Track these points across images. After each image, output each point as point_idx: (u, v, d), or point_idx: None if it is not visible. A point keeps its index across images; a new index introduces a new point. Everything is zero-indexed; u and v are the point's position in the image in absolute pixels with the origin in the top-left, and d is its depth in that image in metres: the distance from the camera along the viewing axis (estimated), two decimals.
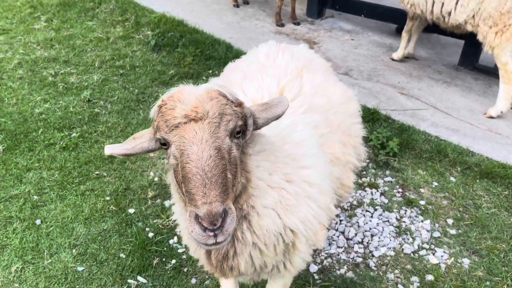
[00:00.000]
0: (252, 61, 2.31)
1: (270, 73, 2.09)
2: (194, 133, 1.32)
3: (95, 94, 4.53)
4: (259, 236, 1.63)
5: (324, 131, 1.94)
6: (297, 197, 1.67)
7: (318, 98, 2.05)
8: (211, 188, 1.25)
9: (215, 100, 1.37)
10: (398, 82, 5.01)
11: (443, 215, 3.31)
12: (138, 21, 6.01)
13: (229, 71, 2.41)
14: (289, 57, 2.37)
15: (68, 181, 3.41)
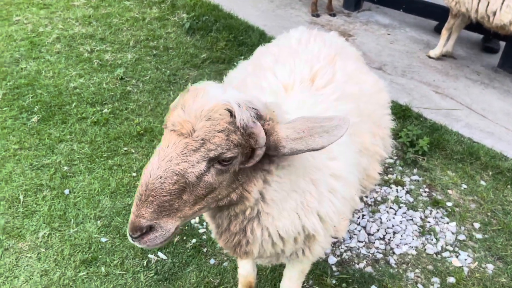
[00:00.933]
0: (284, 45, 2.29)
1: (303, 58, 2.06)
2: (167, 145, 1.28)
3: (128, 73, 4.60)
4: (272, 235, 1.61)
5: (355, 120, 1.90)
6: (320, 197, 1.64)
7: (350, 86, 2.01)
8: (144, 205, 1.25)
9: (210, 123, 1.26)
10: (433, 80, 4.87)
11: (470, 219, 3.23)
12: (174, 3, 6.05)
13: (259, 54, 2.39)
14: (321, 43, 2.33)
15: (97, 155, 3.50)
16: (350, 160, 1.77)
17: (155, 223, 1.27)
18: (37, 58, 4.69)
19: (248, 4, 6.37)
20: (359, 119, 1.95)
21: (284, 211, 1.56)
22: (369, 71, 2.42)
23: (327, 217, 1.68)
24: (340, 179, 1.69)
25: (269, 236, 1.61)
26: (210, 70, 4.78)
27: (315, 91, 1.90)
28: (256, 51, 2.53)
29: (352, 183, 1.75)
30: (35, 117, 3.82)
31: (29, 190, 3.14)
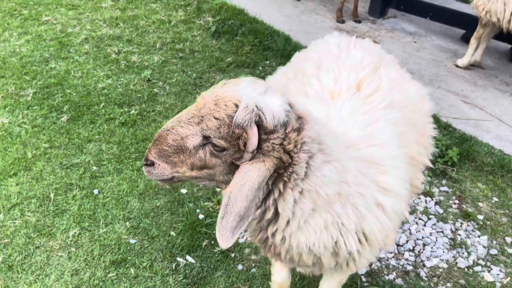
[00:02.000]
0: (324, 51, 2.27)
1: (347, 65, 2.03)
2: (186, 111, 1.48)
3: (155, 75, 4.63)
4: (293, 246, 1.59)
5: (402, 129, 1.88)
6: (364, 216, 1.61)
7: (396, 94, 1.99)
8: (153, 145, 1.51)
9: (214, 107, 1.40)
10: (462, 90, 4.80)
11: (501, 232, 3.15)
12: (199, 6, 6.08)
13: (299, 60, 2.36)
14: (362, 50, 2.31)
15: (125, 156, 3.52)
16: (402, 174, 1.74)
17: (156, 162, 1.51)
18: (66, 58, 4.75)
19: (273, 9, 6.37)
20: (407, 128, 1.92)
21: (308, 227, 1.53)
22: (410, 78, 2.38)
23: (371, 234, 1.65)
24: (390, 193, 1.65)
25: (289, 245, 1.59)
26: (235, 74, 4.78)
27: (363, 99, 1.87)
28: (294, 57, 2.52)
29: (403, 198, 1.72)
30: (64, 117, 3.86)
31: (59, 189, 3.17)
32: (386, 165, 1.66)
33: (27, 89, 4.18)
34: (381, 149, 1.68)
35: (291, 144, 1.40)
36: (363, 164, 1.62)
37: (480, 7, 4.53)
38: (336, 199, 1.51)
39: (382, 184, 1.64)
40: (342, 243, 1.60)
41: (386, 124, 1.78)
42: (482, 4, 4.49)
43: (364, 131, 1.69)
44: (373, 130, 1.71)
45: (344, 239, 1.60)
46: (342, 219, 1.55)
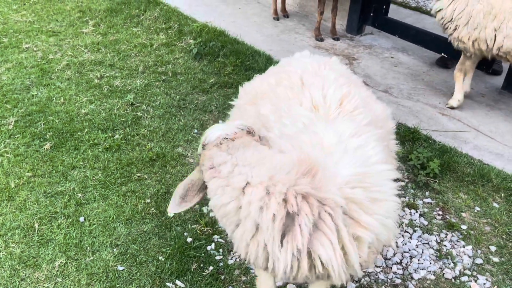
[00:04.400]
0: (301, 67, 2.37)
1: (327, 82, 2.13)
2: None
3: (138, 98, 4.65)
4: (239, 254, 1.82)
5: (384, 144, 1.96)
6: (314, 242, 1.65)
7: (369, 112, 2.07)
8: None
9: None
10: (439, 103, 4.93)
11: (485, 242, 3.22)
12: (180, 29, 6.16)
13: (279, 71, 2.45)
14: (332, 71, 2.41)
15: (110, 181, 3.50)
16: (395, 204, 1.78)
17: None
18: (48, 85, 4.74)
19: (253, 30, 6.49)
20: (385, 143, 2.00)
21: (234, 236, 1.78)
22: (376, 98, 2.50)
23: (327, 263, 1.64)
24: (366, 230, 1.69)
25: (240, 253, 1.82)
26: (218, 95, 4.83)
27: (349, 115, 1.95)
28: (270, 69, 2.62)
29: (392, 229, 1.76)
30: (47, 144, 3.83)
31: (43, 218, 3.13)
32: (370, 207, 1.69)
33: (8, 117, 4.15)
34: (368, 191, 1.71)
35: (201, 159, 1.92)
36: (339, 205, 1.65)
37: (465, 37, 4.20)
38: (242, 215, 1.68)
39: (363, 224, 1.67)
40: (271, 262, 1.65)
41: (376, 144, 1.84)
42: (467, 34, 4.18)
43: (356, 167, 1.72)
44: (368, 168, 1.75)
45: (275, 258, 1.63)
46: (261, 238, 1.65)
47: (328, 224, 1.62)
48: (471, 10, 4.09)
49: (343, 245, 1.66)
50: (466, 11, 4.11)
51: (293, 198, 1.61)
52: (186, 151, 3.94)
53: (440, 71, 5.53)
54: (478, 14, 4.05)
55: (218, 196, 1.73)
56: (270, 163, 1.70)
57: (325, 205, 1.62)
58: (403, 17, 6.82)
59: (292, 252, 1.60)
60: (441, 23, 4.39)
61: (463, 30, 4.20)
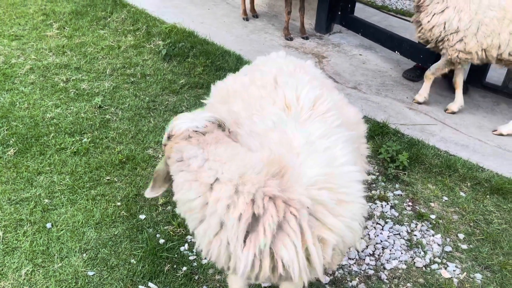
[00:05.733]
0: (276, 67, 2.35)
1: (301, 83, 2.12)
2: None
3: (106, 101, 4.55)
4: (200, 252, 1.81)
5: (355, 146, 1.98)
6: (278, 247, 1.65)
7: (341, 114, 2.08)
8: None
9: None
10: (406, 98, 5.05)
11: (454, 230, 3.31)
12: (149, 31, 6.08)
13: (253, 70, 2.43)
14: (306, 73, 2.42)
15: (79, 186, 3.41)
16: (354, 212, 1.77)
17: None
18: (11, 90, 4.59)
19: (222, 30, 6.47)
20: (356, 145, 2.02)
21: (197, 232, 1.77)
22: (348, 102, 2.51)
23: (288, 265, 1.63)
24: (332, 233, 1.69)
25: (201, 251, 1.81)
26: (189, 95, 4.79)
27: (321, 117, 1.95)
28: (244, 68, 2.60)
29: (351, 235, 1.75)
30: (11, 150, 3.70)
31: (8, 226, 3.02)
32: (336, 209, 1.69)
33: None
34: (334, 192, 1.71)
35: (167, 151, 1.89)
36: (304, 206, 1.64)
37: (473, 47, 4.05)
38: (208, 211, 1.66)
39: (328, 226, 1.67)
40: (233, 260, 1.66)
41: (346, 146, 1.85)
42: (476, 44, 4.02)
43: (324, 168, 1.72)
44: (334, 169, 1.75)
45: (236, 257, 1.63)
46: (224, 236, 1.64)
47: (292, 226, 1.61)
48: (482, 18, 3.92)
49: (306, 247, 1.65)
50: (476, 20, 3.94)
51: (260, 199, 1.59)
52: (157, 153, 3.88)
53: (406, 68, 5.65)
54: (491, 21, 3.90)
55: (185, 191, 1.70)
56: (241, 161, 1.68)
57: (291, 206, 1.62)
58: (370, 15, 6.96)
59: (254, 252, 1.59)
60: (437, 38, 4.19)
61: (472, 40, 4.01)
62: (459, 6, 4.00)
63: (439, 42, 4.26)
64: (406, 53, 5.57)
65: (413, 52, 5.43)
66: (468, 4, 3.97)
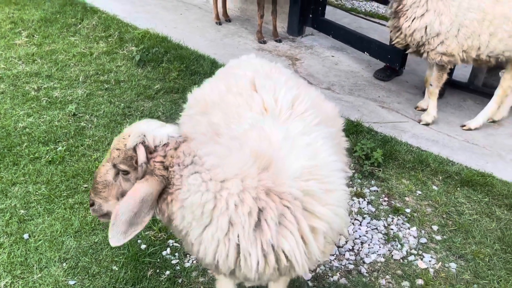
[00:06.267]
0: (252, 69, 2.39)
1: (278, 84, 2.16)
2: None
3: (80, 108, 4.50)
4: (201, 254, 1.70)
5: (336, 142, 2.04)
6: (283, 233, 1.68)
7: (320, 112, 2.13)
8: (92, 186, 1.85)
9: (116, 142, 1.76)
10: (379, 97, 5.19)
11: (428, 222, 3.42)
12: (121, 37, 6.03)
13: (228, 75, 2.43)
14: (281, 72, 2.48)
15: (55, 195, 3.35)
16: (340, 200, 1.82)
17: (94, 200, 1.84)
18: None
19: (196, 35, 6.48)
20: (336, 141, 2.08)
21: (204, 239, 1.65)
22: (324, 98, 2.58)
23: (292, 256, 1.68)
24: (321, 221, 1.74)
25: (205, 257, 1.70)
26: (164, 100, 4.78)
27: (300, 116, 2.00)
28: (219, 72, 2.62)
29: (339, 221, 1.81)
30: None
31: None
32: (323, 198, 1.74)
33: None
34: (319, 183, 1.76)
35: (169, 160, 1.66)
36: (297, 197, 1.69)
37: (455, 49, 4.08)
38: (217, 212, 1.60)
39: (317, 214, 1.72)
40: (243, 259, 1.65)
41: (327, 141, 1.91)
42: (457, 46, 4.06)
43: (307, 161, 1.76)
44: (316, 160, 1.80)
45: (246, 255, 1.64)
46: (234, 235, 1.61)
47: (288, 217, 1.66)
48: (462, 20, 3.96)
49: (302, 236, 1.70)
50: (457, 22, 3.98)
51: (262, 194, 1.63)
52: None
53: (377, 68, 5.81)
54: (472, 23, 3.95)
55: (201, 193, 1.61)
56: (235, 158, 1.70)
57: (283, 199, 1.66)
58: (340, 18, 7.12)
59: (262, 247, 1.62)
60: (418, 42, 4.18)
61: (453, 42, 4.05)
62: (439, 9, 4.02)
63: (420, 46, 4.22)
64: (374, 54, 5.73)
65: (381, 52, 5.59)
66: (448, 7, 4.01)
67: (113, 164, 1.74)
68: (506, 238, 3.25)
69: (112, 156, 1.73)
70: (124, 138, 1.72)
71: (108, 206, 1.80)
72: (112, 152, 1.73)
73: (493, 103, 4.53)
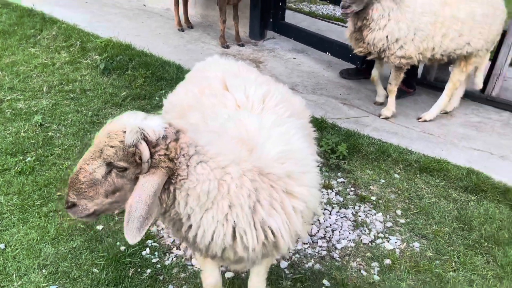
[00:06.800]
0: (222, 69, 2.51)
1: (248, 82, 2.30)
2: (87, 151, 1.75)
3: (47, 119, 4.46)
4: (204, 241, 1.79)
5: (305, 133, 2.19)
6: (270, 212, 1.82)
7: (289, 105, 2.29)
8: (70, 188, 1.73)
9: (108, 139, 1.67)
10: (340, 94, 5.45)
11: (392, 207, 3.66)
12: (83, 46, 6.00)
13: (199, 79, 2.54)
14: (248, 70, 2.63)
15: (28, 204, 3.34)
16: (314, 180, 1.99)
17: (76, 201, 1.73)
18: None
19: (159, 42, 6.54)
20: (306, 132, 2.24)
21: (205, 222, 1.75)
22: (292, 92, 2.74)
23: (278, 233, 1.83)
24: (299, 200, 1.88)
25: (203, 240, 1.79)
26: (132, 107, 4.81)
27: (271, 110, 2.14)
28: (189, 76, 2.72)
29: (314, 201, 1.97)
30: None
31: None
32: (300, 179, 1.89)
33: None
34: (295, 165, 1.91)
35: (173, 152, 1.68)
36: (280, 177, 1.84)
37: (413, 52, 4.32)
38: (219, 196, 1.72)
39: (295, 194, 1.87)
40: (239, 237, 1.78)
41: (298, 131, 2.06)
42: (414, 49, 4.30)
43: (283, 146, 1.91)
44: (291, 145, 1.95)
45: (242, 234, 1.78)
46: (233, 216, 1.74)
47: (275, 197, 1.81)
48: (418, 25, 4.18)
49: (286, 214, 1.85)
50: (413, 27, 4.18)
51: (256, 175, 1.76)
52: None
53: (337, 67, 6.09)
54: (426, 26, 4.19)
55: (210, 181, 1.69)
56: (228, 144, 1.81)
57: (270, 180, 1.81)
58: (299, 21, 7.38)
59: (255, 226, 1.76)
60: (379, 49, 4.36)
61: (411, 46, 4.27)
62: (397, 17, 4.22)
63: (381, 52, 4.43)
64: (336, 54, 6.01)
65: (342, 52, 5.87)
66: (404, 13, 4.22)
67: (108, 162, 1.67)
68: (462, 217, 3.53)
69: (105, 154, 1.65)
70: (116, 134, 1.66)
71: (95, 205, 1.73)
72: (105, 150, 1.65)
73: (444, 96, 4.88)
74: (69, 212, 1.76)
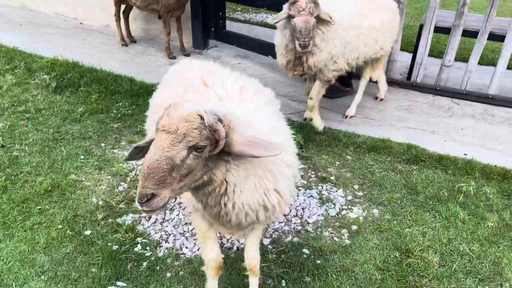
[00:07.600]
0: (201, 69, 2.81)
1: (224, 78, 2.61)
2: (159, 140, 1.78)
3: (6, 140, 4.43)
4: (240, 207, 2.09)
5: (280, 117, 2.57)
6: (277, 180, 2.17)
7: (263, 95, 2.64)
8: (147, 180, 1.72)
9: (188, 123, 1.77)
10: (288, 92, 5.92)
11: (350, 184, 4.15)
12: (28, 67, 5.94)
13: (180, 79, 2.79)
14: (220, 68, 2.95)
15: (10, 221, 3.37)
16: (294, 151, 2.38)
17: (156, 192, 1.72)
18: None
19: (106, 57, 6.62)
20: (281, 116, 2.60)
21: (245, 190, 2.06)
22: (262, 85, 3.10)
23: (283, 193, 2.21)
24: (291, 167, 2.26)
25: (238, 208, 2.09)
26: (92, 121, 4.90)
27: (250, 99, 2.47)
28: (168, 78, 2.98)
29: (297, 168, 2.36)
30: None
31: None
32: (289, 149, 2.27)
33: None
34: (283, 137, 2.29)
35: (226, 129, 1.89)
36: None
37: (342, 64, 4.53)
38: (256, 166, 2.05)
39: (287, 162, 2.23)
40: (267, 199, 2.13)
41: (275, 115, 2.43)
42: (343, 60, 4.51)
43: (270, 124, 2.26)
44: (275, 123, 2.31)
45: (268, 196, 2.12)
46: (264, 181, 2.09)
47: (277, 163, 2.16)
48: (347, 39, 4.41)
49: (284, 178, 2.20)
50: (343, 42, 4.40)
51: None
52: (80, 177, 3.99)
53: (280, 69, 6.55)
54: (353, 39, 4.47)
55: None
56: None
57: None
58: (239, 29, 7.81)
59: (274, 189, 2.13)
60: (319, 69, 4.45)
61: (342, 59, 4.49)
62: (332, 36, 4.40)
63: (318, 71, 4.51)
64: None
65: None
66: (336, 31, 4.41)
67: (191, 145, 1.76)
68: (409, 184, 4.10)
69: (189, 137, 1.75)
70: (194, 118, 1.78)
71: (170, 192, 1.78)
72: (189, 133, 1.75)
73: (360, 92, 5.43)
74: (147, 205, 1.73)
